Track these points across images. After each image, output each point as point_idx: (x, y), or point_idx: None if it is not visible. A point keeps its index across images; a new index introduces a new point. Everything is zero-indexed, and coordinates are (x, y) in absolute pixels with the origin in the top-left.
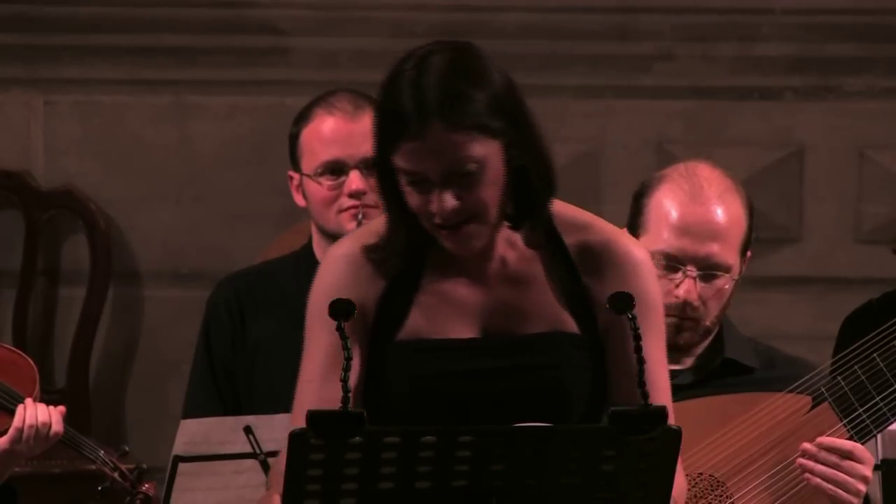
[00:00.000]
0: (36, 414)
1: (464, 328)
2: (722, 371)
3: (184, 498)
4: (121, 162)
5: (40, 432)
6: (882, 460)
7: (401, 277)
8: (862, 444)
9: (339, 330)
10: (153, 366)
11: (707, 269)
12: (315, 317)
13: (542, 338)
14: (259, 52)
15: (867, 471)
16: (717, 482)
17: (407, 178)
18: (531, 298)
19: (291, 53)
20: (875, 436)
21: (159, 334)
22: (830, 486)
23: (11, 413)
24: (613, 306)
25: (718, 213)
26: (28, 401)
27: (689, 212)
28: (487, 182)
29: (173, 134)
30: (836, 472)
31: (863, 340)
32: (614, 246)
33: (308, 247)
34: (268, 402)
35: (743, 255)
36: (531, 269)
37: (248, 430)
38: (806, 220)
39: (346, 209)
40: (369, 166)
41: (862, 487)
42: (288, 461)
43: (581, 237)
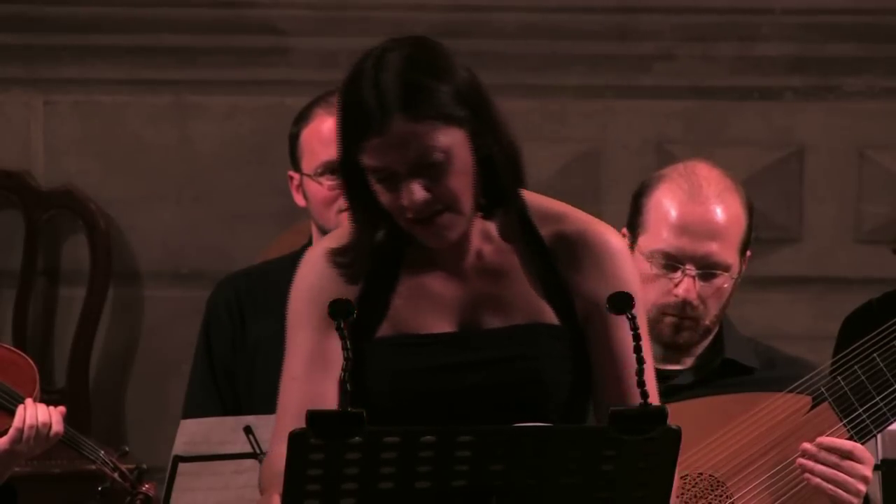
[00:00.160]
0: (36, 414)
1: (442, 322)
2: (722, 371)
3: (184, 498)
4: (121, 162)
5: (40, 432)
6: (882, 460)
7: (378, 276)
8: (862, 444)
9: (338, 330)
10: (153, 366)
11: (706, 268)
12: (296, 315)
13: (520, 329)
14: (259, 52)
15: (867, 471)
16: (717, 482)
17: (376, 175)
18: (509, 290)
19: (291, 53)
20: (875, 436)
21: (159, 334)
22: (830, 486)
23: (11, 413)
24: (613, 306)
25: (717, 213)
26: (28, 401)
27: (688, 211)
28: (455, 171)
29: (173, 134)
30: (836, 472)
31: (863, 340)
32: (590, 235)
33: (308, 247)
34: (268, 402)
35: (742, 254)
36: (508, 261)
37: (248, 430)
38: (806, 220)
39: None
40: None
41: (862, 487)
42: (288, 461)
43: (556, 227)
